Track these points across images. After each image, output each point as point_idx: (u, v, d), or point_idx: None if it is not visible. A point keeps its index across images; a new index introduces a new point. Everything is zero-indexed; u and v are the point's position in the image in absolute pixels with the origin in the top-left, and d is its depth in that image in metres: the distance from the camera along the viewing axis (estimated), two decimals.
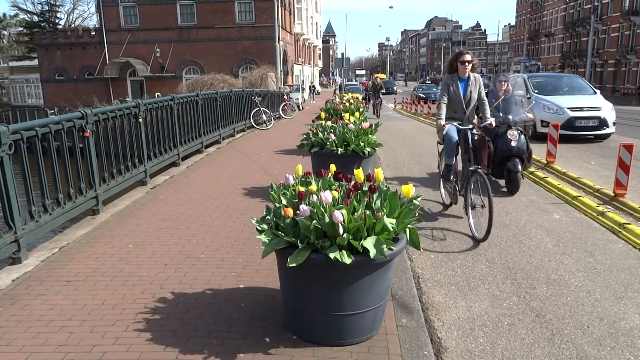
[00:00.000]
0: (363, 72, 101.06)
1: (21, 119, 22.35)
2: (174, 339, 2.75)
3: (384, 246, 2.49)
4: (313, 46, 56.01)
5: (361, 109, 9.04)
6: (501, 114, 6.57)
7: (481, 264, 4.22)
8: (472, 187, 4.86)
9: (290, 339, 2.75)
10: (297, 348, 2.67)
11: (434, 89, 34.14)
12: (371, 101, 22.15)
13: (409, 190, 2.76)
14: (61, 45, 34.97)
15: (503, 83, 6.79)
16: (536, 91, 11.88)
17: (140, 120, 6.60)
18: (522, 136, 6.55)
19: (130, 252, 4.12)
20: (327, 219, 2.51)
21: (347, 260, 2.43)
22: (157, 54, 33.26)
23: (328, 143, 5.63)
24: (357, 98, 11.30)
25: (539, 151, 8.98)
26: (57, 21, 45.36)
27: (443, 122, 5.11)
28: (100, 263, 3.89)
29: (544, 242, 4.73)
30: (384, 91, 22.67)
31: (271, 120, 15.25)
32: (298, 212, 2.58)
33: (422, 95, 30.16)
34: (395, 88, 53.75)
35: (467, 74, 5.18)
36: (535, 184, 7.28)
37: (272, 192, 2.96)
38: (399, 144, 12.07)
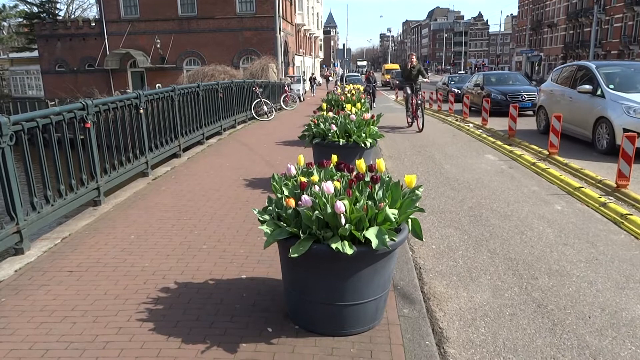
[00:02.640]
0: (364, 62, 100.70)
1: (22, 111, 22.31)
2: (176, 329, 2.77)
3: (386, 237, 2.48)
4: (314, 37, 55.66)
5: (363, 100, 8.99)
6: None
7: (482, 255, 4.23)
8: None
9: (292, 329, 2.76)
10: (299, 338, 2.68)
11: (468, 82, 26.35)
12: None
13: (411, 180, 2.75)
14: (61, 37, 34.80)
15: None
16: (611, 86, 8.82)
17: (142, 111, 6.58)
18: None
19: (132, 243, 4.12)
20: (329, 210, 2.50)
21: (349, 250, 2.43)
22: (158, 45, 33.10)
23: (329, 134, 5.61)
24: (358, 89, 11.23)
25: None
26: (56, 12, 45.19)
27: None
28: (103, 254, 3.90)
29: (545, 233, 4.73)
30: (427, 80, 13.29)
31: (272, 111, 15.21)
32: (300, 202, 2.57)
33: (455, 89, 23.00)
34: None
35: None
36: (537, 174, 7.27)
37: (274, 183, 2.95)
38: (400, 136, 12.04)
